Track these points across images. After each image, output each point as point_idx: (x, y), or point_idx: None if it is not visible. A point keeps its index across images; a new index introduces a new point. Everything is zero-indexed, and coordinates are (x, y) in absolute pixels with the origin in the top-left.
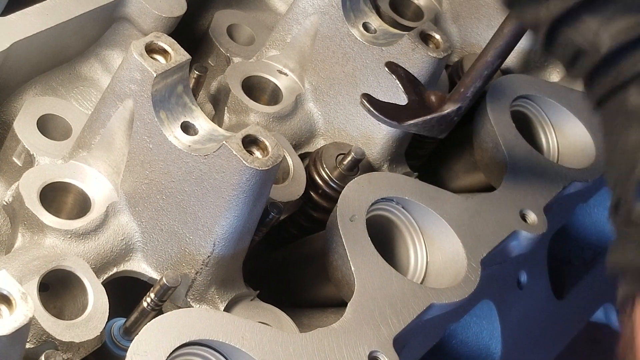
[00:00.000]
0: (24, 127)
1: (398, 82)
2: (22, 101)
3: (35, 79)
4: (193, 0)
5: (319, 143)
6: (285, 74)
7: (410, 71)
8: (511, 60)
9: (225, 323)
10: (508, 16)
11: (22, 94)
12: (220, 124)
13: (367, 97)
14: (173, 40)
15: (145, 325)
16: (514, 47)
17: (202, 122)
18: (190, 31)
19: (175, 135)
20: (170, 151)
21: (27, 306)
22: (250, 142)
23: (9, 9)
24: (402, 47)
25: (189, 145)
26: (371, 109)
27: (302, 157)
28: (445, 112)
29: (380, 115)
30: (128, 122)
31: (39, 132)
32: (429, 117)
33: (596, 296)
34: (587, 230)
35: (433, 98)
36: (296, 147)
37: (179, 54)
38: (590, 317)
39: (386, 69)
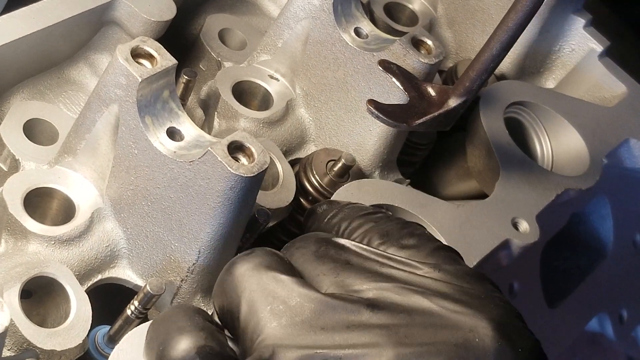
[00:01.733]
0: (9, 131)
1: (395, 80)
2: (9, 105)
3: (23, 82)
4: (185, 5)
5: (310, 149)
6: (277, 79)
7: None
8: (505, 66)
9: None
10: (511, 9)
11: (10, 98)
12: (210, 129)
13: (374, 103)
14: (159, 44)
15: (126, 334)
16: (516, 40)
17: (188, 128)
18: (182, 35)
19: (160, 141)
20: (155, 157)
21: (3, 315)
22: (235, 148)
23: (8, 10)
24: (393, 53)
25: (175, 151)
26: (379, 114)
27: (293, 163)
28: (453, 106)
29: (388, 120)
30: (113, 127)
31: (25, 137)
32: (436, 113)
33: (591, 305)
34: (582, 238)
35: (432, 91)
36: (287, 153)
37: (165, 59)
38: (584, 326)
39: (380, 68)
